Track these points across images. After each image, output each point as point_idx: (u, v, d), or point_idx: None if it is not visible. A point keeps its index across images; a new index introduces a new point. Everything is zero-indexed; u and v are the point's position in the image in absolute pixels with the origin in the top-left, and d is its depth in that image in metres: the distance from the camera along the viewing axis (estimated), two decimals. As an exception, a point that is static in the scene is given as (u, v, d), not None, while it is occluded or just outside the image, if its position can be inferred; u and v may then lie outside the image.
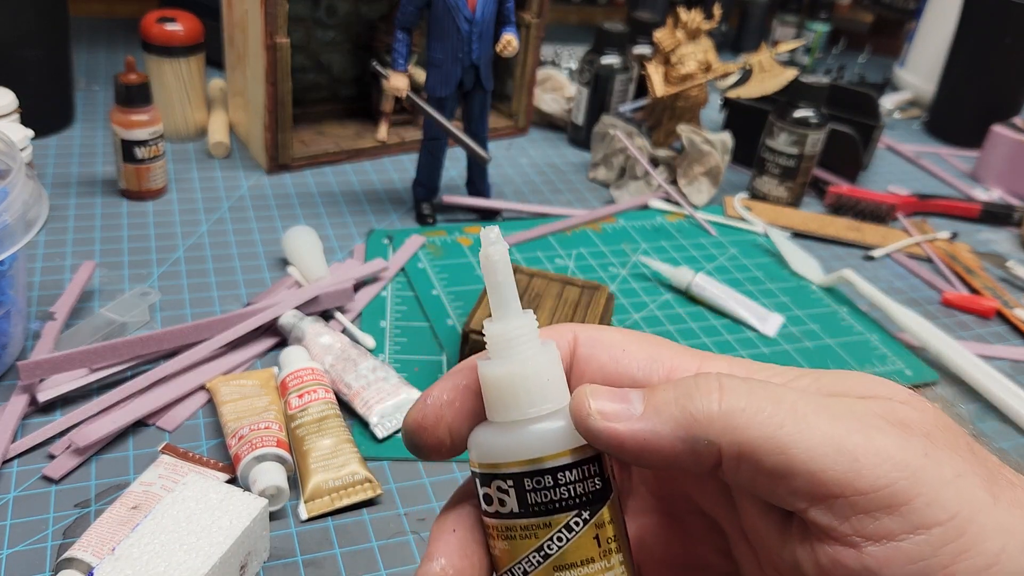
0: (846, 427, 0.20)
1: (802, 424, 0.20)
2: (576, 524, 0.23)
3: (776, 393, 0.21)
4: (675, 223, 0.74)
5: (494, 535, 0.24)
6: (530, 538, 0.23)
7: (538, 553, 0.23)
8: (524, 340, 0.24)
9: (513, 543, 0.24)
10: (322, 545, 0.40)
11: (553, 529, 0.23)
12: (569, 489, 0.23)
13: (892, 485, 0.20)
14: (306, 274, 0.57)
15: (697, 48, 0.77)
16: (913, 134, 1.04)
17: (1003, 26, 0.93)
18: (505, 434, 0.23)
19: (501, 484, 0.23)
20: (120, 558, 0.33)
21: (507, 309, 0.24)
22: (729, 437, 0.21)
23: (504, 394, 0.23)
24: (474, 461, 0.24)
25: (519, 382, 0.23)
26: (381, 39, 0.79)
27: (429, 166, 0.68)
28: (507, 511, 0.23)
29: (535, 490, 0.23)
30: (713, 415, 0.21)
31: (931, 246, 0.76)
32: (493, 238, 0.23)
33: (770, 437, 0.20)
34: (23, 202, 0.44)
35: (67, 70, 0.75)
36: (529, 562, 0.23)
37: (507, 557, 0.24)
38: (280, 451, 0.42)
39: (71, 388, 0.46)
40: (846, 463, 0.20)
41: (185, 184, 0.70)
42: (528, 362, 0.23)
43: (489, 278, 0.24)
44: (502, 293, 0.24)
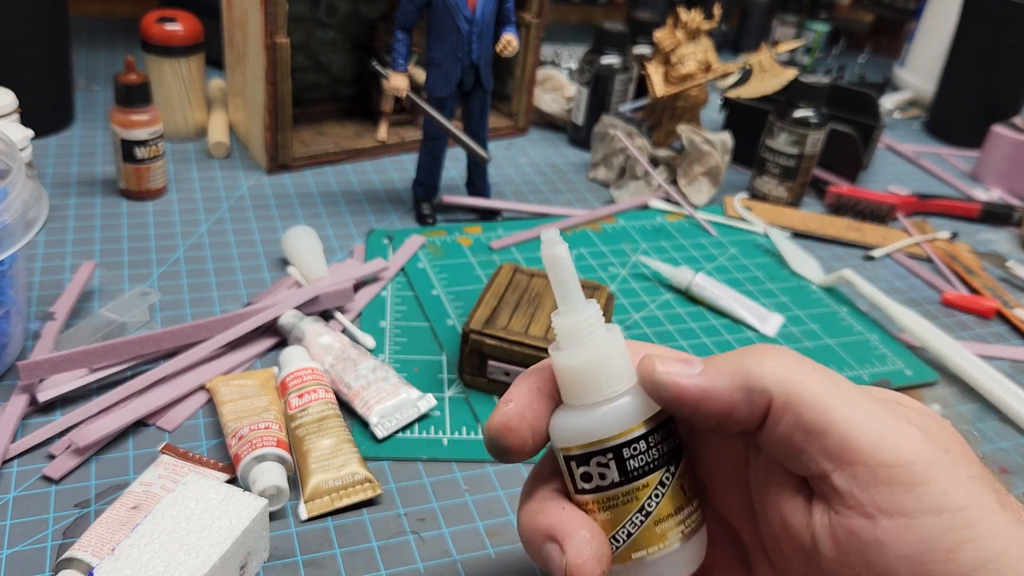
0: (880, 411, 0.23)
1: (844, 396, 0.23)
2: (667, 479, 0.26)
3: (823, 369, 0.24)
4: (675, 223, 0.74)
5: (593, 509, 0.27)
6: (631, 501, 0.26)
7: (640, 513, 0.26)
8: (594, 329, 0.26)
9: (615, 511, 0.26)
10: (322, 545, 0.40)
11: (651, 488, 0.26)
12: (659, 448, 0.26)
13: (913, 465, 0.22)
14: (306, 274, 0.57)
15: (697, 48, 0.77)
16: (913, 134, 1.04)
17: (1003, 26, 0.94)
18: (593, 414, 0.26)
19: (601, 459, 0.26)
20: (120, 558, 0.33)
21: (574, 302, 0.26)
22: (780, 387, 0.23)
23: (587, 379, 0.26)
24: (565, 446, 0.27)
25: (599, 366, 0.26)
26: (381, 39, 0.80)
27: (429, 166, 0.68)
28: (608, 483, 0.26)
29: (633, 456, 0.26)
30: (767, 369, 0.24)
31: (931, 246, 0.76)
32: (556, 239, 0.26)
33: (816, 396, 0.23)
34: (23, 202, 0.44)
35: (67, 70, 0.75)
36: (632, 523, 0.26)
37: (609, 526, 0.27)
38: (280, 451, 0.42)
39: (71, 388, 0.46)
40: (876, 436, 0.22)
41: (185, 184, 0.70)
42: (604, 347, 0.26)
43: (554, 275, 0.26)
44: (567, 288, 0.26)
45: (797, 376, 0.24)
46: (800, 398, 0.23)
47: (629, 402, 0.26)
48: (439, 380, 0.51)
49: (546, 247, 0.26)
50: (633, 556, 0.26)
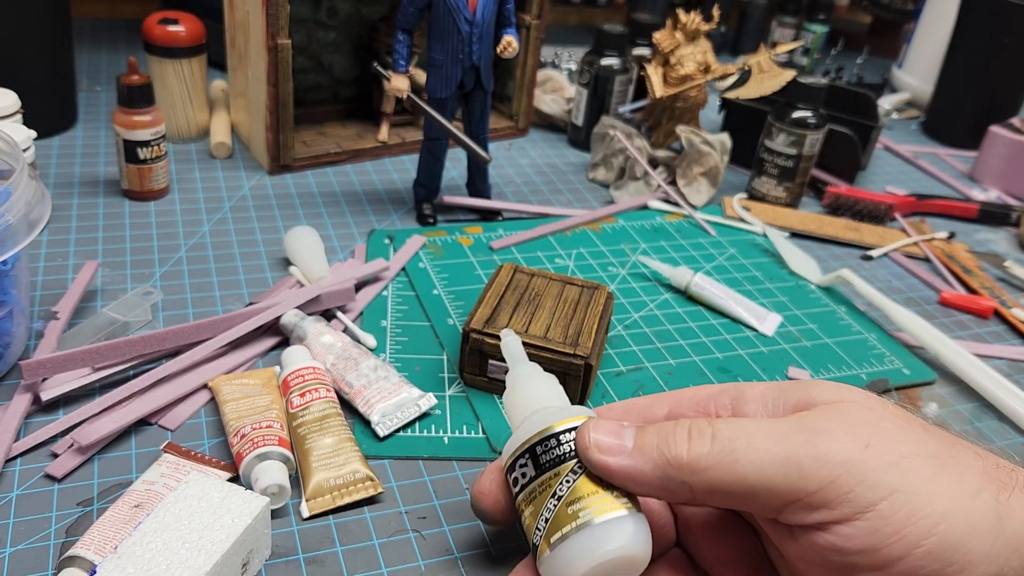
0: (794, 443, 0.25)
1: (755, 453, 0.25)
2: (578, 468, 0.30)
3: (735, 431, 0.26)
4: (674, 223, 0.74)
5: (523, 507, 0.31)
6: (546, 489, 0.30)
7: (553, 498, 0.29)
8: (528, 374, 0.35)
9: (536, 501, 0.30)
10: (323, 543, 0.40)
11: (561, 476, 0.30)
12: (569, 444, 0.30)
13: (835, 480, 0.24)
14: (307, 274, 0.58)
15: (696, 49, 0.78)
16: (911, 135, 1.04)
17: (1001, 27, 0.94)
18: (518, 430, 0.32)
19: (522, 460, 0.31)
20: (122, 556, 0.33)
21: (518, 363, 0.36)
22: (697, 479, 0.26)
23: (516, 404, 0.34)
24: (505, 463, 0.32)
25: (524, 395, 0.34)
26: (382, 40, 0.80)
27: (430, 167, 0.68)
28: (527, 479, 0.30)
29: (545, 452, 0.30)
30: (683, 462, 0.26)
31: (929, 246, 0.76)
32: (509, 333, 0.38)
33: (730, 472, 0.25)
34: (26, 202, 0.44)
35: (69, 71, 0.76)
36: (547, 508, 0.29)
37: (533, 516, 0.30)
38: (282, 450, 0.42)
39: (74, 387, 0.46)
40: (794, 475, 0.25)
41: (187, 184, 0.70)
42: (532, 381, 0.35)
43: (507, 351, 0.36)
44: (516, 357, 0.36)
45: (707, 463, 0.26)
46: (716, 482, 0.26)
47: (542, 413, 0.32)
48: (440, 379, 0.51)
49: (504, 337, 0.38)
50: (551, 540, 0.29)
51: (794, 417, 0.26)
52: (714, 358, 0.57)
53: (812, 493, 0.24)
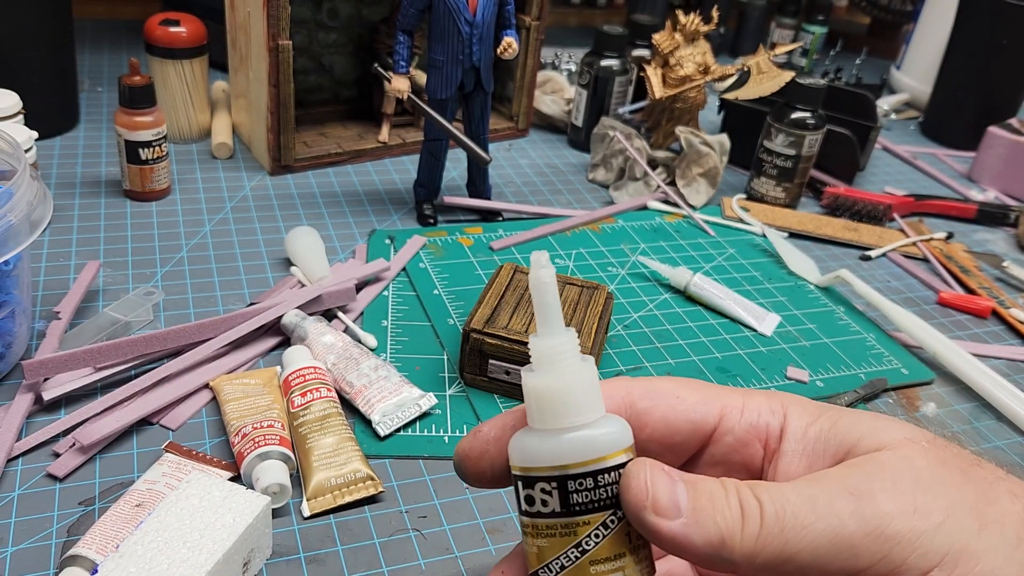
0: (842, 516, 0.24)
1: (804, 532, 0.24)
2: (612, 522, 0.26)
3: (782, 506, 0.24)
4: (674, 224, 0.75)
5: (532, 534, 0.26)
6: (569, 535, 0.26)
7: (576, 549, 0.25)
8: (568, 355, 0.26)
9: (552, 540, 0.26)
10: (324, 542, 0.40)
11: (592, 527, 0.25)
12: (607, 490, 0.25)
13: (888, 555, 0.23)
14: (308, 274, 0.58)
15: (695, 50, 0.78)
16: (909, 135, 1.05)
17: (999, 28, 0.94)
18: (550, 440, 0.26)
19: (545, 486, 0.26)
20: (124, 555, 0.34)
21: (552, 326, 0.26)
22: (746, 561, 0.24)
23: (551, 403, 0.26)
24: (517, 465, 0.27)
25: (565, 393, 0.26)
26: (383, 41, 0.80)
27: (430, 167, 0.68)
28: (548, 511, 0.26)
29: (577, 491, 0.25)
30: (735, 544, 0.24)
31: (927, 246, 0.76)
32: (544, 262, 0.26)
33: (780, 554, 0.24)
34: (27, 203, 0.44)
35: (71, 72, 0.76)
36: (567, 557, 0.26)
37: (545, 554, 0.26)
38: (283, 449, 0.42)
39: (75, 387, 0.47)
40: (846, 553, 0.23)
41: (188, 185, 0.70)
42: (573, 375, 0.26)
43: (538, 298, 0.26)
44: (549, 312, 0.26)
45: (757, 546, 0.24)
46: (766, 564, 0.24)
47: (588, 436, 0.26)
48: (440, 379, 0.52)
49: (533, 269, 0.26)
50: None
51: (837, 476, 0.25)
52: (713, 358, 0.57)
53: (863, 570, 0.24)
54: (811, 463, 0.27)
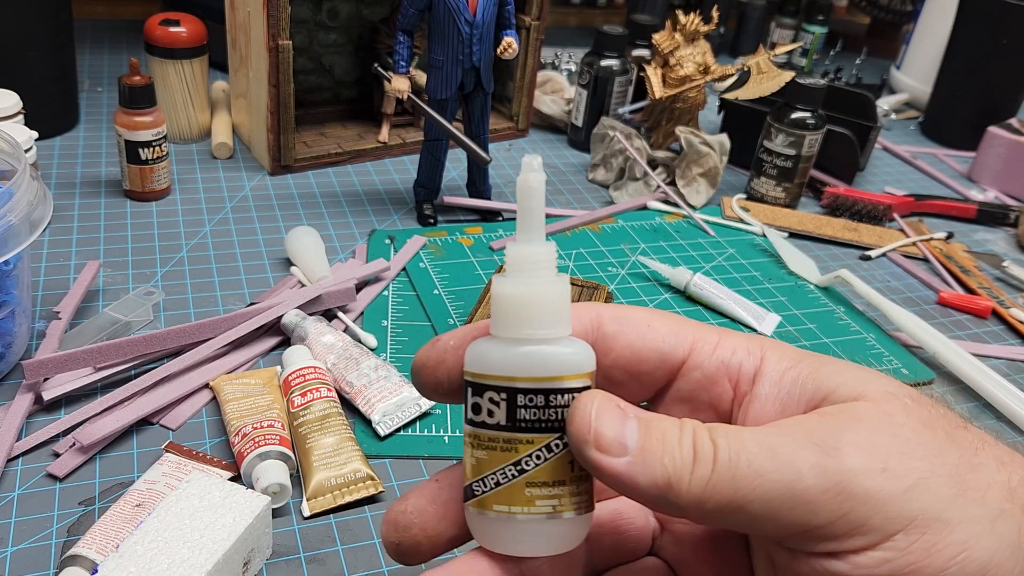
0: (802, 468, 0.22)
1: (758, 481, 0.22)
2: (556, 447, 0.24)
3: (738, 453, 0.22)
4: (674, 224, 0.75)
5: (473, 444, 0.25)
6: (510, 451, 0.24)
7: (514, 467, 0.24)
8: (543, 265, 0.25)
9: (492, 454, 0.25)
10: (324, 542, 0.40)
11: (534, 447, 0.24)
12: (557, 412, 0.24)
13: (848, 513, 0.22)
14: (308, 274, 0.58)
15: (695, 50, 0.78)
16: (909, 135, 1.05)
17: (999, 28, 0.94)
18: (507, 349, 0.25)
19: (494, 396, 0.24)
20: (124, 555, 0.34)
21: (533, 234, 0.25)
22: (692, 506, 0.23)
23: (515, 311, 0.25)
24: (468, 370, 0.25)
25: (533, 302, 0.25)
26: (383, 41, 0.80)
27: (430, 167, 0.68)
28: (493, 423, 0.24)
29: (526, 407, 0.24)
30: (682, 489, 0.23)
31: (927, 246, 0.76)
32: (536, 166, 0.25)
33: (729, 502, 0.22)
34: (27, 203, 0.44)
35: (71, 72, 0.76)
36: (504, 474, 0.24)
37: (484, 466, 0.25)
38: (283, 449, 0.42)
39: (75, 387, 0.47)
40: (800, 507, 0.22)
41: (188, 185, 0.71)
42: (543, 286, 0.25)
43: (523, 203, 0.25)
44: (532, 219, 0.25)
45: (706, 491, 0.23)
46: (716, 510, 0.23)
47: (548, 352, 0.24)
48: (440, 379, 0.52)
49: (524, 172, 0.25)
50: (494, 508, 0.25)
51: (804, 425, 0.23)
52: (713, 358, 0.57)
53: (821, 527, 0.22)
54: (784, 408, 0.25)
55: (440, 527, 0.26)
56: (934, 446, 0.23)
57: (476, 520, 0.25)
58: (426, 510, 0.26)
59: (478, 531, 0.26)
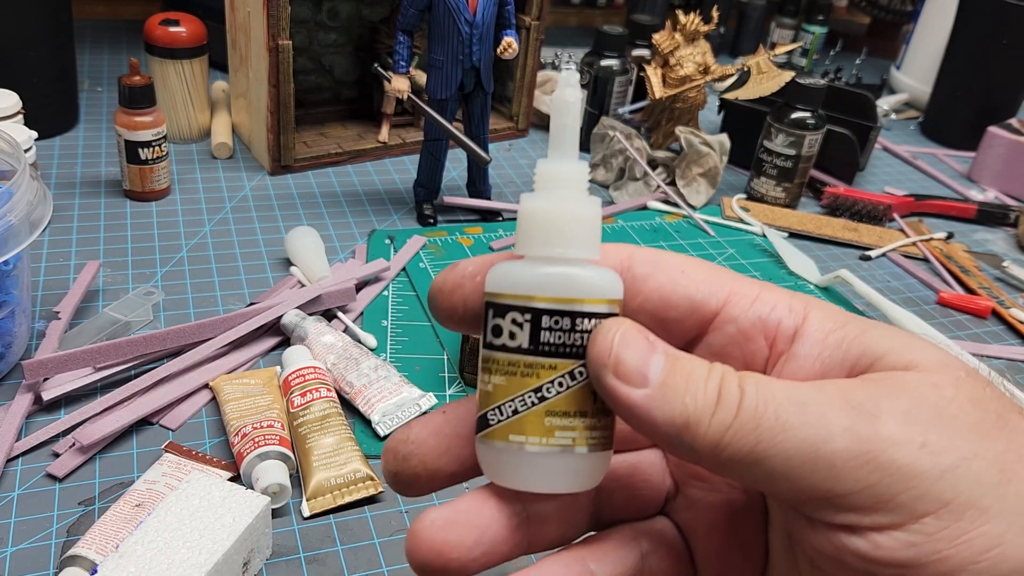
0: (832, 430, 0.20)
1: (782, 436, 0.20)
2: (579, 374, 0.23)
3: (765, 402, 0.21)
4: (674, 224, 0.75)
5: (493, 369, 0.24)
6: (531, 377, 0.23)
7: (535, 393, 0.23)
8: (575, 184, 0.24)
9: (511, 379, 0.23)
10: (324, 542, 0.40)
11: (556, 372, 0.23)
12: (583, 337, 0.23)
13: (875, 485, 0.20)
14: (308, 274, 0.58)
15: (695, 50, 0.78)
16: (909, 135, 1.05)
17: (999, 28, 0.94)
18: (534, 268, 0.23)
19: (516, 316, 0.23)
20: (124, 555, 0.34)
21: (565, 152, 0.24)
22: (708, 452, 0.21)
23: (544, 227, 0.23)
24: (491, 290, 0.24)
25: (563, 219, 0.23)
26: (383, 41, 0.80)
27: (430, 167, 0.68)
28: (515, 345, 0.23)
29: (550, 329, 0.23)
30: (700, 430, 0.21)
31: (927, 246, 0.76)
32: (573, 81, 0.24)
33: (748, 452, 0.21)
34: (27, 203, 0.44)
35: (71, 72, 0.76)
36: (523, 401, 0.23)
37: (501, 393, 0.23)
38: (282, 449, 0.42)
39: (75, 387, 0.47)
40: (823, 470, 0.20)
41: (188, 185, 0.70)
42: (572, 203, 0.24)
43: (557, 119, 0.24)
44: (565, 136, 0.24)
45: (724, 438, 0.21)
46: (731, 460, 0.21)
47: (576, 273, 0.23)
48: (440, 379, 0.52)
49: (560, 87, 0.24)
50: (510, 437, 0.23)
51: (843, 385, 0.21)
52: (713, 358, 0.57)
53: (843, 495, 0.20)
54: (825, 370, 0.23)
55: (440, 461, 0.25)
56: (982, 427, 0.21)
57: (487, 452, 0.24)
58: (427, 442, 0.25)
59: (489, 464, 0.24)
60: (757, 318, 0.24)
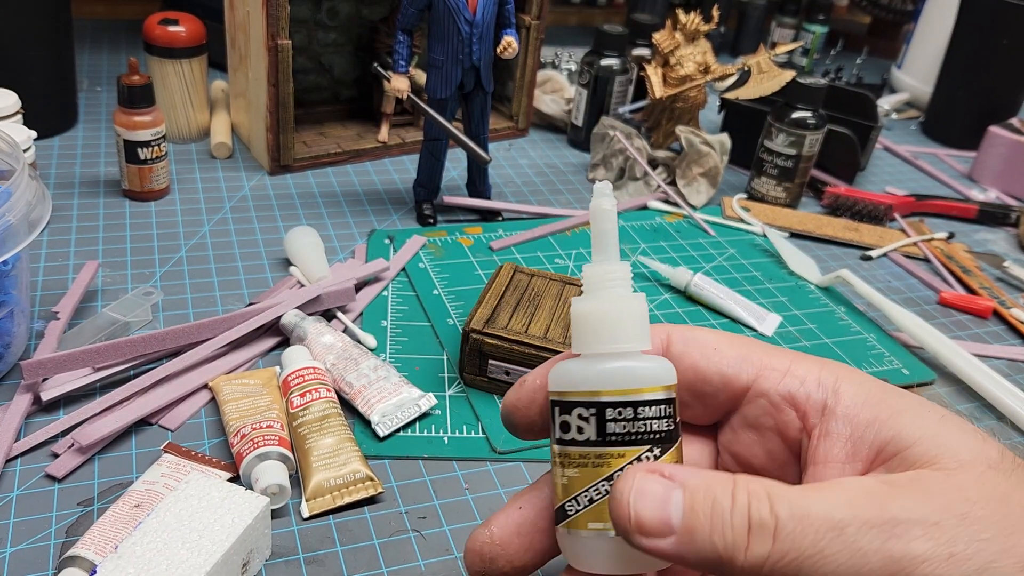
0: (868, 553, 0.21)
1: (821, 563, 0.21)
2: (647, 458, 0.25)
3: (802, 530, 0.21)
4: (674, 223, 0.74)
5: (563, 463, 0.25)
6: (602, 466, 0.25)
7: (607, 481, 0.24)
8: (619, 283, 0.26)
9: (583, 471, 0.25)
10: (324, 543, 0.40)
11: (626, 459, 0.24)
12: (646, 424, 0.25)
13: None
14: (308, 274, 0.58)
15: (696, 50, 0.78)
16: (910, 135, 1.04)
17: (1000, 27, 0.94)
18: (593, 365, 0.25)
19: (583, 412, 0.25)
20: (123, 556, 0.34)
21: (608, 255, 0.26)
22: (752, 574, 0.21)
23: (593, 327, 0.26)
24: (555, 389, 0.26)
25: (610, 317, 0.25)
26: (382, 41, 0.80)
27: (430, 167, 0.68)
28: (583, 439, 0.25)
29: (615, 420, 0.24)
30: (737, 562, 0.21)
31: (928, 246, 0.76)
32: (607, 191, 0.26)
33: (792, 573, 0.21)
34: (26, 202, 0.44)
35: (70, 71, 0.76)
36: (596, 490, 0.25)
37: (575, 485, 0.25)
38: (282, 450, 0.42)
39: (74, 387, 0.46)
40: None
41: (187, 185, 0.70)
42: (621, 301, 0.26)
43: (596, 225, 0.26)
44: (606, 240, 0.26)
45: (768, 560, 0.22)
46: None
47: (633, 365, 0.25)
48: (440, 379, 0.51)
49: (596, 198, 0.26)
50: (590, 525, 0.25)
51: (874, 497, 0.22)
52: (714, 358, 0.57)
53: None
54: (855, 451, 0.24)
55: (525, 558, 0.26)
56: (1006, 524, 0.21)
57: (571, 542, 0.25)
58: (512, 542, 0.26)
59: (573, 553, 0.25)
60: (787, 392, 0.26)
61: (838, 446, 0.24)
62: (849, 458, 0.24)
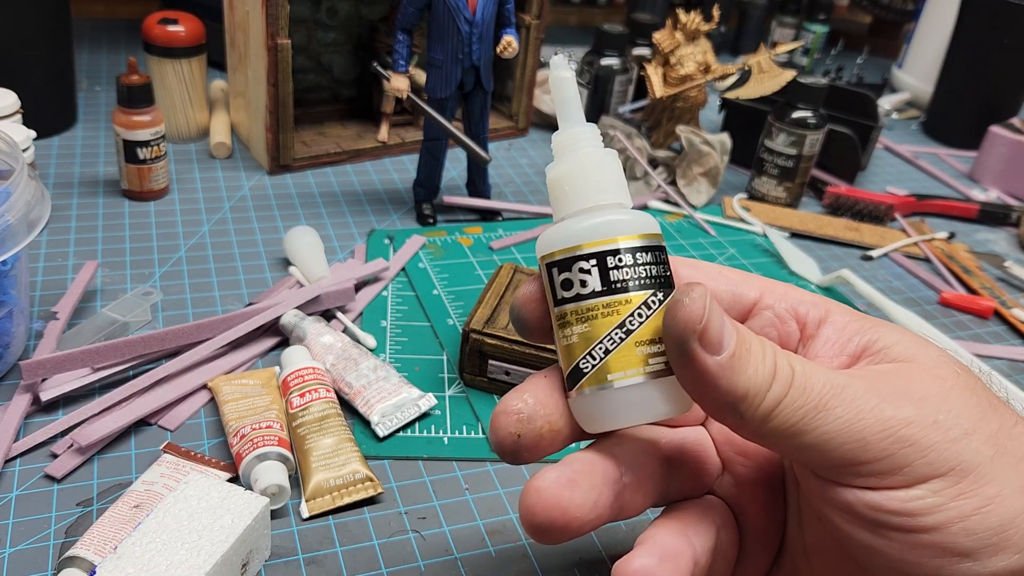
0: (863, 410, 0.24)
1: (824, 414, 0.24)
2: (654, 302, 0.25)
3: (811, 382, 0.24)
4: (674, 223, 0.74)
5: (573, 321, 0.25)
6: (612, 315, 0.25)
7: (620, 329, 0.25)
8: (587, 141, 0.26)
9: (594, 323, 0.25)
10: (323, 543, 0.40)
11: (633, 305, 0.25)
12: (647, 269, 0.25)
13: (894, 454, 0.23)
14: (307, 274, 0.58)
15: (696, 49, 0.78)
16: (911, 135, 1.04)
17: (1001, 27, 0.94)
18: (582, 222, 0.25)
19: (583, 265, 0.25)
20: (122, 556, 0.33)
21: (573, 120, 0.26)
22: (757, 421, 0.24)
23: (571, 186, 0.26)
24: (547, 252, 0.26)
25: (586, 173, 0.26)
26: (382, 40, 0.80)
27: (429, 167, 0.68)
28: (588, 291, 0.25)
29: (617, 268, 0.25)
30: (757, 401, 0.24)
31: (929, 246, 0.76)
32: (562, 63, 0.27)
33: (792, 425, 0.24)
34: (25, 202, 0.44)
35: (69, 71, 0.76)
36: (611, 339, 0.25)
37: (586, 340, 0.25)
38: (281, 450, 0.42)
39: (73, 387, 0.46)
40: (853, 443, 0.24)
41: (187, 184, 0.70)
42: (593, 156, 0.26)
43: (559, 95, 0.27)
44: (569, 107, 0.27)
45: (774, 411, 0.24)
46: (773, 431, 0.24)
47: (616, 214, 0.25)
48: (440, 379, 0.51)
49: (553, 70, 0.26)
50: (609, 377, 0.25)
51: (867, 376, 0.25)
52: (714, 358, 0.57)
53: (866, 463, 0.24)
54: (842, 349, 0.27)
55: (563, 420, 0.26)
56: (978, 409, 0.25)
57: (590, 404, 0.25)
58: (548, 400, 0.26)
59: (589, 415, 0.25)
60: (791, 306, 0.29)
61: (827, 346, 0.27)
62: (837, 354, 0.27)
